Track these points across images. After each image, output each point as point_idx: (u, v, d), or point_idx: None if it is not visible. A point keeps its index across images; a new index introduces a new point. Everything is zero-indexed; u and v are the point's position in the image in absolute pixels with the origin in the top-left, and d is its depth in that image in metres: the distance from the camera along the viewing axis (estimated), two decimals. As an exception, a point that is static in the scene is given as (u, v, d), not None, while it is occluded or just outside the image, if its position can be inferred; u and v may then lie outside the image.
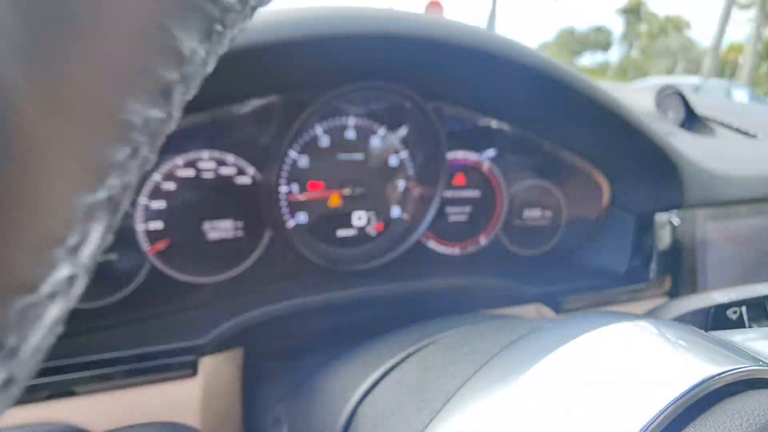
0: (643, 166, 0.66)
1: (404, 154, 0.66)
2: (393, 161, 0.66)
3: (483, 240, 0.74)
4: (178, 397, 0.43)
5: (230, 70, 0.46)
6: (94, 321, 0.49)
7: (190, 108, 0.51)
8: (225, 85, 0.51)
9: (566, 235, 0.77)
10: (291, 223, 0.61)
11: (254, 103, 0.55)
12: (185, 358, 0.44)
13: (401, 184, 0.67)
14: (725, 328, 0.44)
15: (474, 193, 0.72)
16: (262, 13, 0.46)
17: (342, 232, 0.66)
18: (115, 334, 0.48)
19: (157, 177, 0.52)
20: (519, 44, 0.54)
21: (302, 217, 0.62)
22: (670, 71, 34.42)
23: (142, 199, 0.52)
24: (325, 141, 0.61)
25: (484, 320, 0.44)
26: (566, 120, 0.65)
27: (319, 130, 0.61)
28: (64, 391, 0.40)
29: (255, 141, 0.57)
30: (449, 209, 0.72)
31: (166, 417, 0.41)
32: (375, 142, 0.64)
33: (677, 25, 37.50)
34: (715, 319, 0.44)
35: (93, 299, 0.50)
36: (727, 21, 17.96)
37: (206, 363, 0.47)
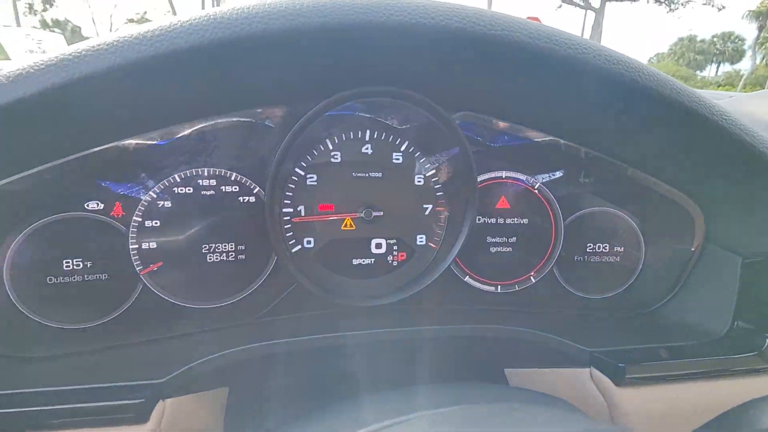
0: (752, 192, 0.48)
1: (431, 172, 0.57)
2: (418, 181, 0.57)
3: (533, 277, 0.61)
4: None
5: (232, 71, 0.41)
6: (72, 344, 0.47)
7: (189, 117, 0.48)
8: (225, 91, 0.46)
9: (645, 278, 0.60)
10: (296, 248, 0.55)
11: (257, 113, 0.50)
12: (136, 402, 0.39)
13: (428, 207, 0.58)
14: None
15: (522, 221, 0.60)
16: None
17: (357, 261, 0.58)
18: (90, 360, 0.45)
19: (152, 194, 0.49)
20: (591, 43, 0.42)
21: (309, 242, 0.56)
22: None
23: (136, 218, 0.49)
24: (336, 157, 0.54)
25: (502, 408, 0.33)
26: (646, 135, 0.50)
27: (329, 144, 0.54)
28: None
29: (260, 157, 0.52)
30: (491, 239, 0.60)
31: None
32: (396, 158, 0.56)
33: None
34: None
35: (79, 320, 0.48)
36: None
37: (171, 406, 0.41)
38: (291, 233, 0.55)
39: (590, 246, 0.61)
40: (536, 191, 0.59)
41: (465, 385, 0.37)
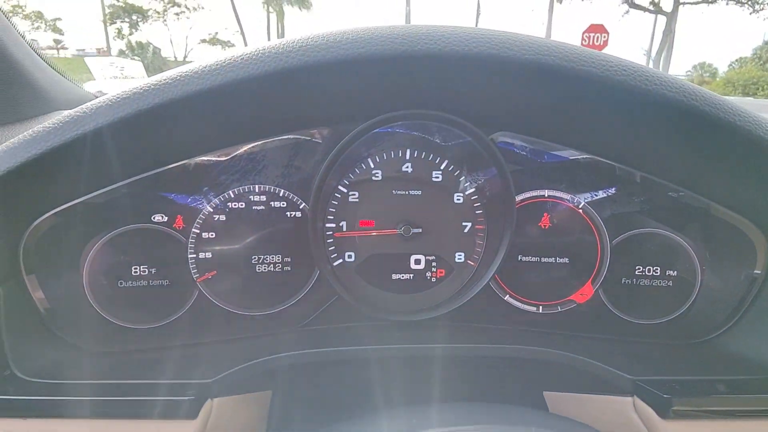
0: None
1: (470, 191, 0.58)
2: (457, 199, 0.58)
3: (578, 298, 0.59)
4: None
5: (280, 97, 0.45)
6: (137, 342, 0.52)
7: (241, 139, 0.53)
8: (274, 114, 0.50)
9: (700, 305, 0.57)
10: (337, 262, 0.58)
11: (303, 136, 0.54)
12: (187, 399, 0.43)
13: (467, 225, 0.58)
14: None
15: (566, 240, 0.59)
16: (316, 34, 0.43)
17: (397, 276, 0.59)
18: (150, 358, 0.50)
19: (209, 208, 0.54)
20: (635, 66, 0.41)
21: (350, 256, 0.58)
22: None
23: (195, 229, 0.54)
24: (377, 175, 0.57)
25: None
26: (699, 159, 0.48)
27: (371, 163, 0.56)
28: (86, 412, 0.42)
29: (305, 175, 0.55)
30: (533, 258, 0.59)
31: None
32: (436, 176, 0.57)
33: None
34: None
35: (143, 321, 0.53)
36: None
37: (218, 405, 0.45)
38: (333, 247, 0.57)
39: (639, 269, 0.58)
40: (580, 210, 0.58)
41: (492, 405, 0.37)
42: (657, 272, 0.58)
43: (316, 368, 0.53)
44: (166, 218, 0.53)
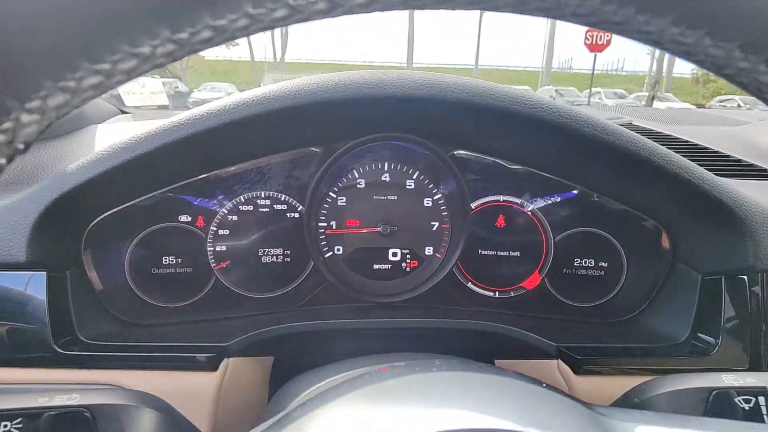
0: (700, 218, 0.57)
1: (437, 196, 0.70)
2: (426, 203, 0.71)
3: (527, 285, 0.72)
4: (199, 384, 0.55)
5: (281, 125, 0.58)
6: (168, 317, 0.65)
7: (252, 156, 0.66)
8: (276, 137, 0.63)
9: (625, 291, 0.69)
10: (328, 254, 0.70)
11: (301, 152, 0.67)
12: (210, 355, 0.56)
13: (434, 224, 0.71)
14: (731, 418, 0.37)
15: (518, 237, 0.71)
16: (307, 79, 0.58)
17: (378, 266, 0.72)
18: (179, 329, 0.63)
19: (224, 210, 0.67)
20: (532, 99, 0.54)
21: (339, 249, 0.71)
22: None
23: (213, 227, 0.67)
24: (361, 183, 0.69)
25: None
26: (603, 170, 0.61)
27: (356, 174, 0.69)
28: (124, 365, 0.55)
29: (302, 183, 0.68)
30: (491, 252, 0.72)
31: (184, 398, 0.52)
32: (409, 184, 0.70)
33: None
34: (717, 406, 0.38)
35: (172, 301, 0.66)
36: None
37: (232, 363, 0.58)
38: (324, 242, 0.70)
39: (577, 261, 0.71)
40: (529, 213, 0.71)
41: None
42: (591, 263, 0.70)
43: (309, 338, 0.66)
44: (190, 218, 0.66)
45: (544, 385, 0.30)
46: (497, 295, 0.73)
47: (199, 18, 0.14)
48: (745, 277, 0.57)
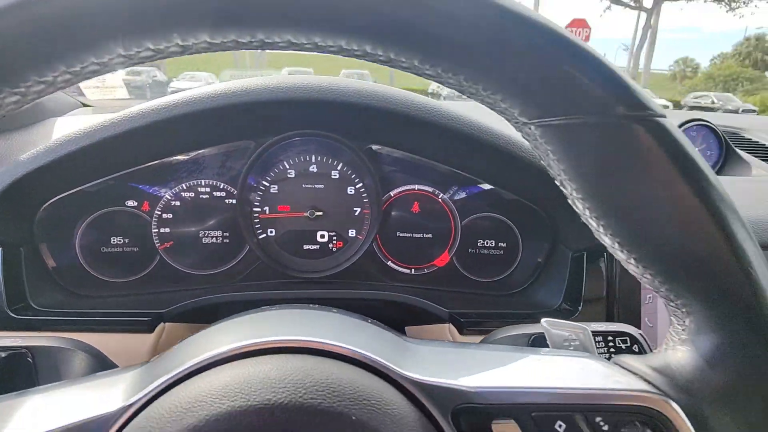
0: (563, 203, 0.68)
1: (359, 185, 0.80)
2: (349, 191, 0.80)
3: (439, 263, 0.83)
4: (137, 344, 0.64)
5: (219, 121, 0.68)
6: (116, 290, 0.74)
7: (193, 148, 0.74)
8: (210, 132, 0.72)
9: (519, 268, 0.80)
10: (262, 236, 0.80)
11: (235, 145, 0.76)
12: (146, 320, 0.65)
13: (356, 210, 0.81)
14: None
15: (431, 222, 0.82)
16: (239, 81, 0.67)
17: (307, 246, 0.82)
18: (124, 299, 0.72)
19: (168, 196, 0.76)
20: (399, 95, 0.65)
21: (272, 232, 0.80)
22: None
23: (157, 211, 0.76)
24: (291, 173, 0.79)
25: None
26: (485, 164, 0.72)
27: (286, 165, 0.78)
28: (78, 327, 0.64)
29: (237, 173, 0.77)
30: (407, 234, 0.82)
31: (122, 355, 0.61)
32: (334, 174, 0.80)
33: None
34: (533, 347, 0.48)
35: (120, 276, 0.75)
36: None
37: (169, 327, 0.67)
38: (258, 225, 0.79)
39: (480, 242, 0.82)
40: (440, 200, 0.81)
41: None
42: (492, 244, 0.81)
43: (239, 308, 0.75)
44: (136, 203, 0.75)
45: (369, 320, 0.40)
46: (413, 272, 0.83)
47: (83, 59, 0.23)
48: (605, 254, 0.69)
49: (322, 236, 0.82)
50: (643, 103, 0.31)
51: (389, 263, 0.83)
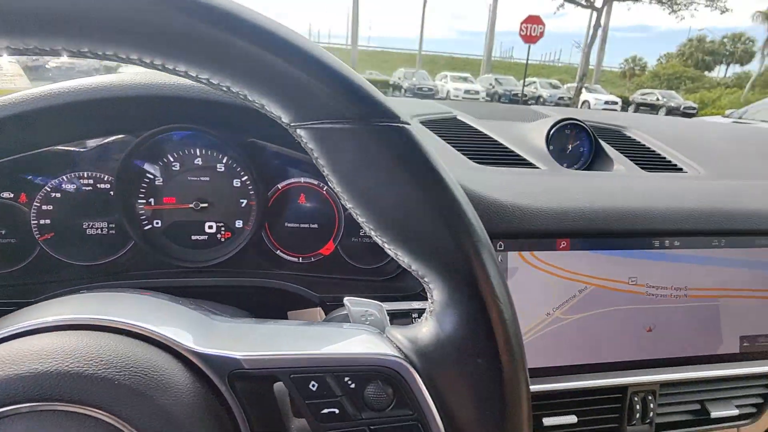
0: None
1: (245, 178, 0.84)
2: (235, 184, 0.84)
3: (324, 252, 0.88)
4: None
5: (99, 113, 0.70)
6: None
7: (72, 138, 0.75)
8: (95, 124, 0.74)
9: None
10: (147, 227, 0.82)
11: (118, 138, 0.77)
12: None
13: (243, 201, 0.85)
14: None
15: (316, 213, 0.87)
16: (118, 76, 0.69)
17: (195, 237, 0.85)
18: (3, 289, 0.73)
19: (47, 188, 0.77)
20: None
21: (158, 223, 0.83)
22: (832, 84, 28.95)
23: (36, 203, 0.76)
24: (176, 166, 0.81)
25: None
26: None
27: (171, 157, 0.81)
28: None
29: (120, 165, 0.79)
30: (296, 224, 0.87)
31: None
32: (219, 167, 0.83)
33: (842, 29, 31.44)
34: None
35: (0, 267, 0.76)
36: None
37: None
38: (144, 217, 0.82)
39: (362, 231, 0.87)
40: (324, 192, 0.86)
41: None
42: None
43: None
44: (13, 195, 0.75)
45: (189, 304, 0.45)
46: (301, 260, 0.88)
47: None
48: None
49: (210, 227, 0.85)
50: (386, 111, 0.37)
51: (278, 252, 0.87)
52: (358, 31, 30.19)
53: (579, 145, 1.06)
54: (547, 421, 0.78)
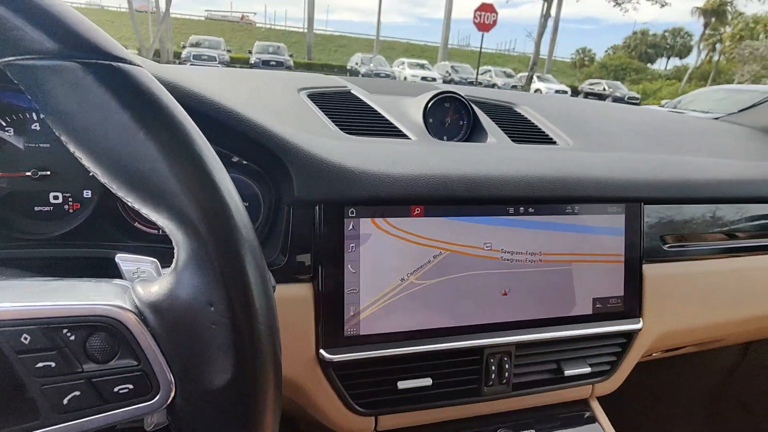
0: (266, 162, 0.74)
1: (90, 145, 0.79)
2: (80, 151, 0.79)
3: None
4: None
5: None
6: None
7: None
8: None
9: (261, 227, 0.85)
10: (-20, 198, 0.76)
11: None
12: None
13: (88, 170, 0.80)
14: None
15: None
16: None
17: (39, 208, 0.79)
18: None
19: None
20: None
21: (-8, 194, 0.77)
22: (759, 77, 31.31)
23: None
24: (10, 132, 0.76)
25: None
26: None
27: (2, 122, 0.75)
28: None
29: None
30: None
31: None
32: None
33: (767, 26, 33.93)
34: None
35: None
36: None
37: None
38: (-27, 186, 0.76)
39: (225, 201, 0.85)
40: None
41: None
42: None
43: None
44: None
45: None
46: (161, 232, 0.84)
47: None
48: (315, 207, 0.75)
49: (56, 197, 0.80)
50: (97, 47, 0.35)
51: (136, 224, 0.83)
52: (314, 14, 29.46)
53: (459, 118, 1.07)
54: (402, 385, 0.80)
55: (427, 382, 0.82)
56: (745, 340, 1.33)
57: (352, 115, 1.00)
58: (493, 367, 0.85)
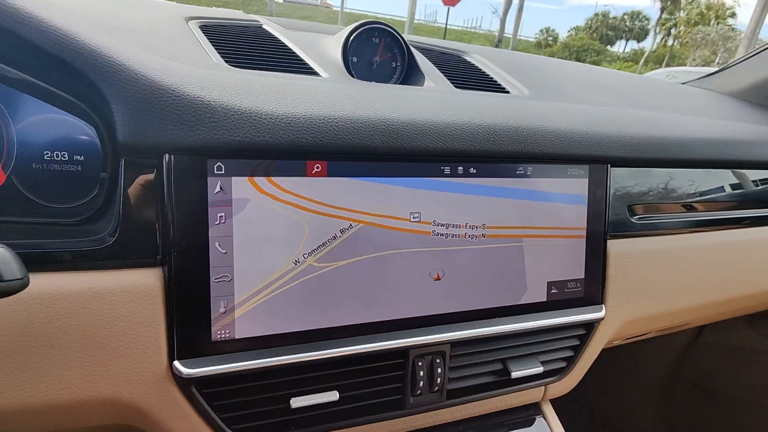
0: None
1: None
2: None
3: None
4: None
5: None
6: None
7: None
8: None
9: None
10: None
11: None
12: None
13: None
14: None
15: None
16: None
17: None
18: None
19: None
20: None
21: None
22: (709, 61, 32.60)
23: None
24: None
25: None
26: None
27: None
28: None
29: None
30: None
31: None
32: None
33: (719, 13, 35.22)
34: None
35: None
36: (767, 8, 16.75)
37: None
38: None
39: (48, 154, 0.60)
40: None
41: None
42: (66, 157, 0.61)
43: None
44: None
45: None
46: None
47: None
48: (163, 159, 0.52)
49: None
50: None
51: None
52: (275, -19, 27.95)
53: (391, 58, 0.85)
54: (297, 402, 0.59)
55: (333, 396, 0.62)
56: (710, 322, 1.21)
57: (247, 47, 0.76)
58: (422, 373, 0.67)
